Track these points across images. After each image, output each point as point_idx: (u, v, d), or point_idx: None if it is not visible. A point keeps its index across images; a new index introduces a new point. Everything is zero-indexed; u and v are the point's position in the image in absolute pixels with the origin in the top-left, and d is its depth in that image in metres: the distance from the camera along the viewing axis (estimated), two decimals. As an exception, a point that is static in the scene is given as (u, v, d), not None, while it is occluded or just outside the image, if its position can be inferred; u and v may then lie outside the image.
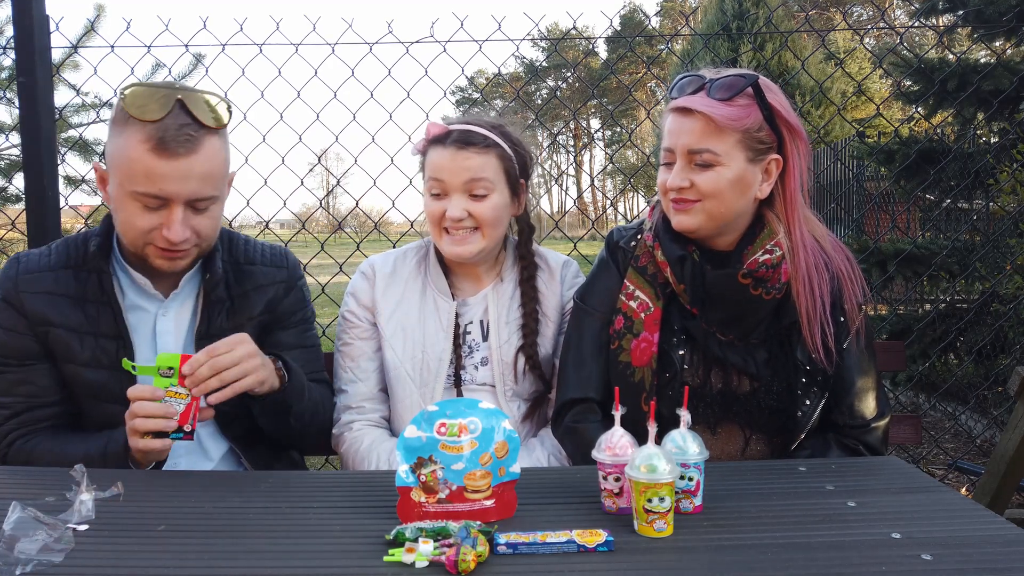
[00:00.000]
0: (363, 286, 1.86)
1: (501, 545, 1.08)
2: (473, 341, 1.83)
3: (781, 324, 1.61)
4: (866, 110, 12.82)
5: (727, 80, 1.52)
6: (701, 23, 15.39)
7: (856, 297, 1.62)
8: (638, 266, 1.68)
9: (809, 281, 1.57)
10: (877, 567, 1.03)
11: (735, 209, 1.56)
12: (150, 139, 1.42)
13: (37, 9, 2.55)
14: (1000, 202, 4.62)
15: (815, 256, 1.59)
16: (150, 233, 1.50)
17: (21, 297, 1.57)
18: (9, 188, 4.31)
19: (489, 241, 1.76)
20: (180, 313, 1.64)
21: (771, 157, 1.55)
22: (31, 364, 1.58)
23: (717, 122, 1.50)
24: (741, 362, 1.61)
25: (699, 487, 1.23)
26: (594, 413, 1.69)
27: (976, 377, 4.32)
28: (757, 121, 1.52)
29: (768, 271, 1.56)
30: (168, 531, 1.16)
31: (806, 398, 1.59)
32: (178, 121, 1.44)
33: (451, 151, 1.72)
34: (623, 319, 1.66)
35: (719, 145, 1.51)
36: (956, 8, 4.13)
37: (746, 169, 1.53)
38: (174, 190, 1.45)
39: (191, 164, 1.45)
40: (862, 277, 1.65)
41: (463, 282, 1.87)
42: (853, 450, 1.63)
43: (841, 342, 1.61)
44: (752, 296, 1.58)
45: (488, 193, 1.73)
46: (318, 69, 2.96)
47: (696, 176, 1.53)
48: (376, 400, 1.84)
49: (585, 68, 32.68)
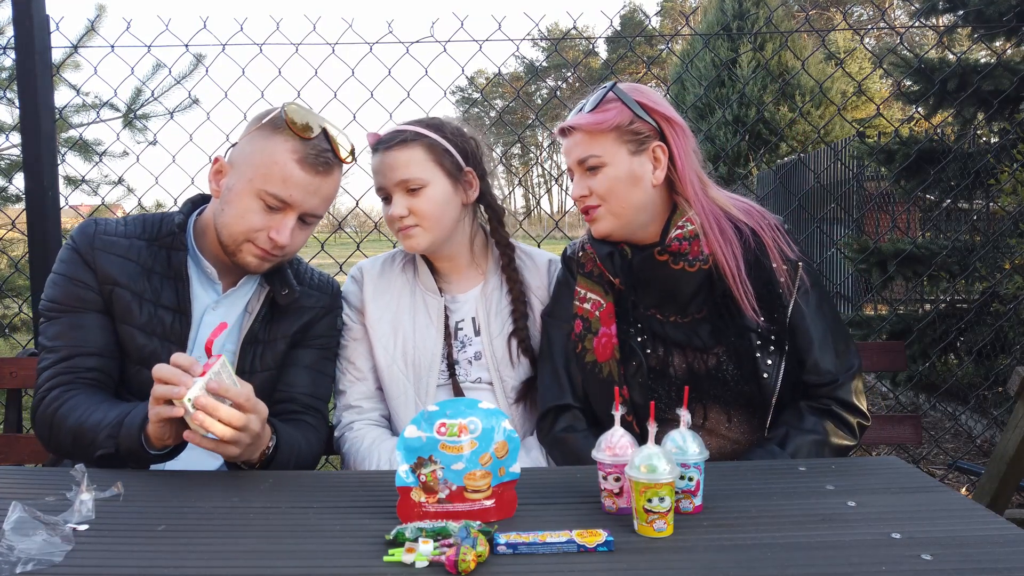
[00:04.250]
0: (353, 290, 1.90)
1: (501, 545, 1.08)
2: (465, 336, 1.85)
3: (716, 293, 1.66)
4: (866, 110, 12.82)
5: (594, 95, 1.66)
6: (701, 23, 15.39)
7: (786, 255, 1.67)
8: (585, 272, 1.77)
9: (723, 246, 1.64)
10: (877, 567, 1.03)
11: (636, 202, 1.64)
12: (297, 152, 1.59)
13: (37, 9, 2.55)
14: (1000, 202, 4.62)
15: (722, 223, 1.66)
16: (257, 232, 1.61)
17: (95, 254, 1.64)
18: (9, 188, 4.32)
19: (434, 231, 1.78)
20: (228, 312, 1.71)
21: (653, 144, 1.64)
22: (87, 312, 1.63)
23: (589, 129, 1.63)
24: (685, 338, 1.67)
25: (699, 487, 1.23)
26: (579, 421, 1.74)
27: (976, 377, 4.32)
28: (626, 117, 1.62)
29: (683, 244, 1.64)
30: (168, 531, 1.16)
31: (766, 359, 1.63)
32: (322, 145, 1.61)
33: (380, 155, 1.79)
34: (581, 323, 1.74)
35: (598, 148, 1.63)
36: (956, 8, 4.13)
37: (632, 162, 1.63)
38: (299, 199, 1.60)
39: (320, 183, 1.62)
40: (788, 237, 1.71)
41: (449, 276, 1.90)
42: (826, 411, 1.64)
43: (780, 302, 1.64)
44: (674, 271, 1.65)
45: (422, 186, 1.76)
46: (318, 69, 2.97)
47: (591, 182, 1.65)
48: (375, 399, 1.86)
49: (585, 68, 32.68)
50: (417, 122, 1.82)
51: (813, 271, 1.70)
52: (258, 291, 1.74)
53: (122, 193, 3.99)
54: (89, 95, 4.36)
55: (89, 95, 4.36)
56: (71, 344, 1.61)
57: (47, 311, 1.65)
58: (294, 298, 1.73)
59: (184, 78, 3.69)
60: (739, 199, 1.75)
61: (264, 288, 1.73)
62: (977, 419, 4.51)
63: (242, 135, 1.68)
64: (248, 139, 1.65)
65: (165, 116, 3.77)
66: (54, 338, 1.62)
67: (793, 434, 1.61)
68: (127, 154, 4.22)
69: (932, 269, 3.97)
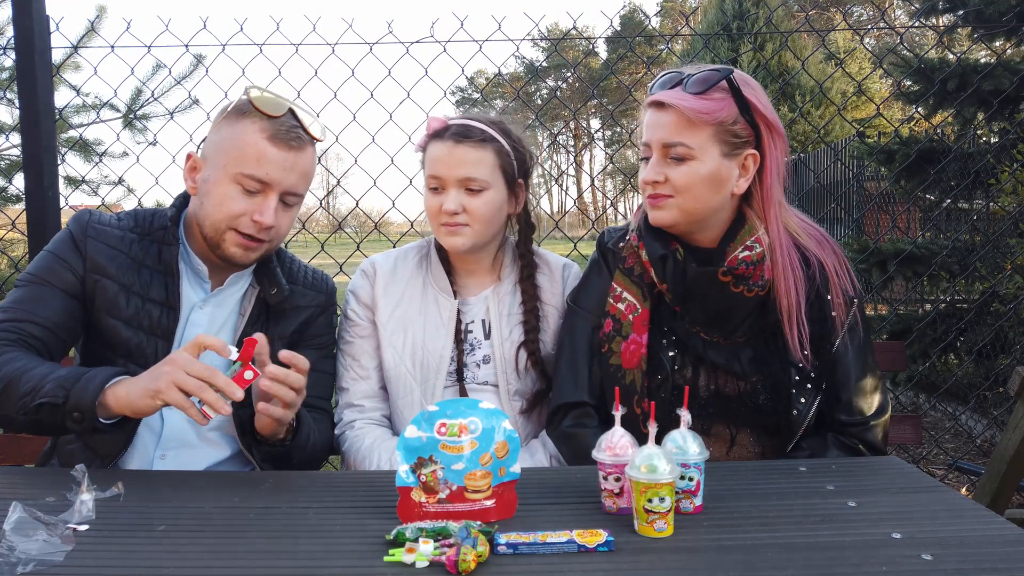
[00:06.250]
0: (363, 284, 1.87)
1: (501, 545, 1.08)
2: (475, 339, 1.83)
3: (766, 322, 1.59)
4: (866, 110, 12.82)
5: (702, 75, 1.51)
6: (701, 23, 15.40)
7: (847, 291, 1.61)
8: (625, 268, 1.68)
9: (787, 279, 1.56)
10: (877, 567, 1.03)
11: (710, 204, 1.55)
12: (266, 131, 1.59)
13: (37, 9, 2.55)
14: (1000, 202, 4.62)
15: (791, 253, 1.58)
16: (239, 218, 1.60)
17: (87, 241, 1.65)
18: (9, 188, 4.31)
19: (481, 235, 1.76)
20: (216, 311, 1.70)
21: (747, 152, 1.54)
22: (55, 289, 1.61)
23: (689, 115, 1.49)
24: (725, 362, 1.60)
25: (699, 487, 1.22)
26: (591, 418, 1.68)
27: (976, 377, 4.32)
28: (732, 114, 1.51)
29: (749, 268, 1.55)
30: (168, 531, 1.16)
31: (800, 396, 1.58)
32: (291, 122, 1.62)
33: (448, 145, 1.73)
34: (612, 322, 1.66)
35: (692, 139, 1.50)
36: (956, 8, 4.13)
37: (721, 164, 1.52)
38: (277, 177, 1.59)
39: (296, 159, 1.62)
40: (851, 271, 1.63)
41: (464, 280, 1.87)
42: (852, 448, 1.61)
43: (830, 338, 1.59)
44: (733, 293, 1.57)
45: (483, 189, 1.73)
46: (318, 69, 2.97)
47: (670, 170, 1.53)
48: (377, 398, 1.84)
49: (585, 68, 32.69)
50: (489, 122, 1.77)
51: (863, 310, 1.64)
52: (249, 292, 1.73)
53: (122, 193, 3.99)
54: (89, 95, 4.35)
55: (89, 95, 4.35)
56: (26, 311, 1.58)
57: (19, 281, 1.64)
58: (283, 297, 1.72)
59: (184, 78, 3.69)
60: (809, 223, 1.67)
61: (255, 289, 1.72)
62: (977, 419, 4.51)
63: (211, 129, 1.68)
64: (216, 129, 1.64)
65: (165, 116, 3.77)
66: (13, 302, 1.60)
67: None
68: (127, 154, 4.22)
69: (932, 269, 3.97)
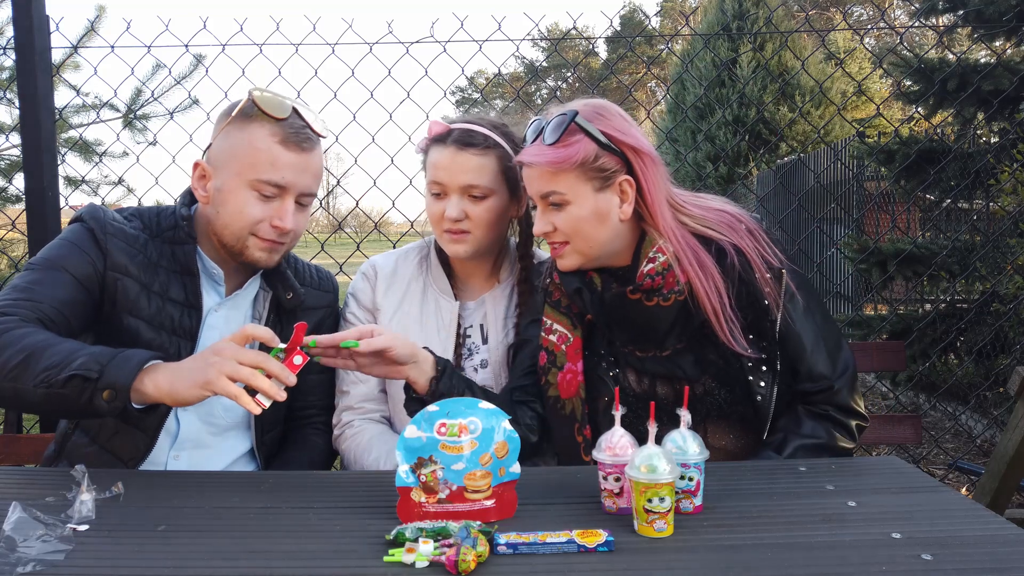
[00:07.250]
0: (364, 287, 1.86)
1: (501, 545, 1.08)
2: (473, 344, 1.82)
3: (695, 324, 1.58)
4: (866, 110, 12.81)
5: (554, 121, 1.53)
6: (701, 23, 15.39)
7: (772, 264, 1.58)
8: (552, 300, 1.69)
9: (702, 279, 1.55)
10: (877, 567, 1.03)
11: (603, 238, 1.57)
12: (277, 134, 1.57)
13: (37, 9, 2.55)
14: (1000, 202, 4.62)
15: (699, 253, 1.57)
16: (259, 224, 1.59)
17: (108, 239, 1.59)
18: (9, 188, 4.32)
19: (483, 241, 1.75)
20: (231, 313, 1.69)
21: (620, 179, 1.54)
22: (72, 277, 1.55)
23: (549, 168, 1.52)
24: (668, 372, 1.61)
25: (699, 487, 1.22)
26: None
27: (976, 377, 4.32)
28: (590, 152, 1.52)
29: (657, 279, 1.55)
30: (168, 531, 1.16)
31: (759, 381, 1.57)
32: (298, 123, 1.60)
33: (451, 151, 1.71)
34: (546, 355, 1.67)
35: (562, 185, 1.53)
36: (956, 8, 4.13)
37: (597, 199, 1.54)
38: (292, 180, 1.58)
39: (308, 160, 1.61)
40: (771, 243, 1.61)
41: (465, 283, 1.87)
42: (824, 416, 1.60)
43: (769, 317, 1.57)
44: (648, 308, 1.57)
45: (486, 196, 1.72)
46: (318, 69, 2.96)
47: (555, 218, 1.56)
48: (377, 401, 1.83)
49: (585, 68, 32.68)
50: (492, 126, 1.75)
51: (797, 274, 1.62)
52: (261, 295, 1.73)
53: (122, 193, 4.00)
54: (89, 95, 4.36)
55: (89, 95, 4.36)
56: (45, 292, 1.50)
57: (33, 263, 1.56)
58: (299, 301, 1.72)
59: (184, 78, 3.69)
60: (712, 205, 1.65)
61: (267, 291, 1.72)
62: (977, 419, 4.51)
63: (214, 134, 1.64)
64: (223, 136, 1.61)
65: (165, 116, 3.77)
66: (31, 283, 1.51)
67: (791, 439, 1.57)
68: (127, 154, 4.23)
69: (932, 269, 3.97)
